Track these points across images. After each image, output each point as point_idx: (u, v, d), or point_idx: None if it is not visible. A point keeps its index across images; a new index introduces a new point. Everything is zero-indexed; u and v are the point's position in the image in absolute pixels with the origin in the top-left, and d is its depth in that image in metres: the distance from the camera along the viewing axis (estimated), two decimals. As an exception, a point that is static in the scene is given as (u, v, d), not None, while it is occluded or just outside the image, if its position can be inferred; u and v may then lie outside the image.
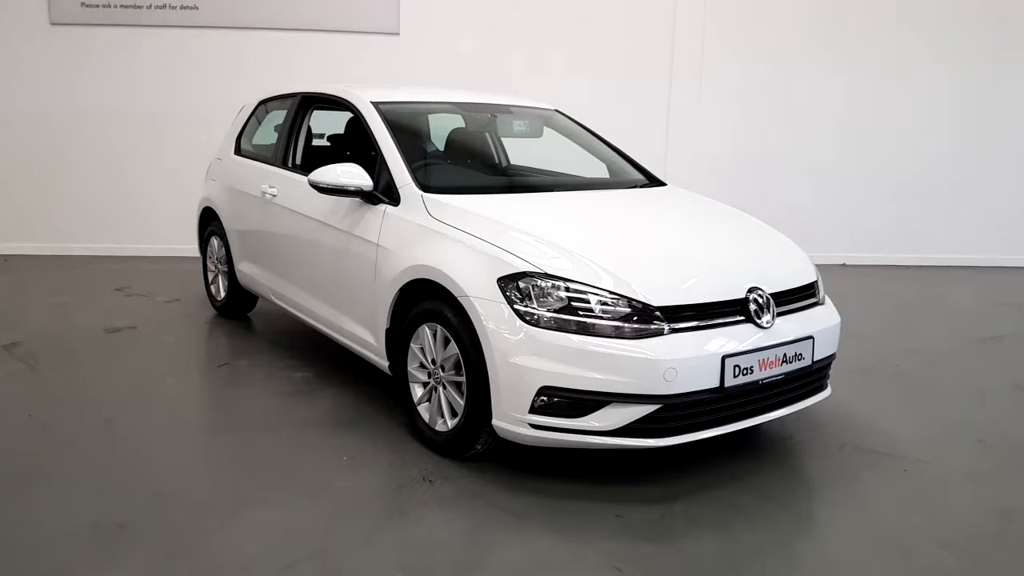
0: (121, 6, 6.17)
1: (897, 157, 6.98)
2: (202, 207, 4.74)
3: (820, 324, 2.88)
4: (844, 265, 6.94)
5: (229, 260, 4.45)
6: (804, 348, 2.75)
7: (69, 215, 6.48)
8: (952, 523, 2.53)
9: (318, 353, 4.02)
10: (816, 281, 3.07)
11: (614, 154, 3.96)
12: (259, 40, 6.34)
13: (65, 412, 3.25)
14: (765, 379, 2.64)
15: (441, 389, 2.85)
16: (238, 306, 4.63)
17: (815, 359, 2.80)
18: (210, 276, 4.81)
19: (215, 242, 4.66)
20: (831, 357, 2.98)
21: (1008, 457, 3.04)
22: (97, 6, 6.15)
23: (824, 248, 6.40)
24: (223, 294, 4.65)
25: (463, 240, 2.77)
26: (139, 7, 6.18)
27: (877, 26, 6.77)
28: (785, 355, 2.68)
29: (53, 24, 6.16)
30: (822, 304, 3.05)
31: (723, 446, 2.96)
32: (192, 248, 5.08)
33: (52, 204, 6.46)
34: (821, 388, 3.00)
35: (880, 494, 2.71)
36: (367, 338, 3.21)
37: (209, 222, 4.70)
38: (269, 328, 4.55)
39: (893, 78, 6.86)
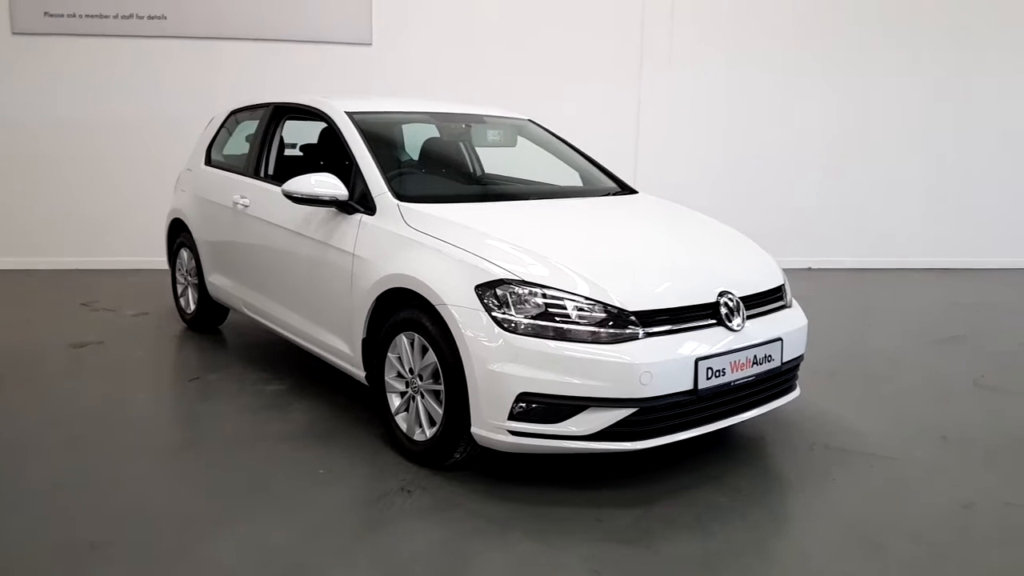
0: (87, 16, 6.06)
1: (861, 162, 7.17)
2: (171, 218, 4.68)
3: (788, 326, 2.95)
4: (809, 269, 7.10)
5: (199, 272, 4.39)
6: (773, 350, 2.82)
7: (31, 228, 6.33)
8: (919, 517, 2.61)
9: (291, 365, 3.99)
10: (783, 284, 3.15)
11: (587, 163, 4.01)
12: (229, 50, 6.29)
13: (31, 430, 3.18)
14: (737, 381, 2.70)
15: (419, 398, 2.85)
16: (209, 319, 4.57)
17: (784, 360, 2.87)
18: (179, 288, 4.74)
19: (184, 254, 4.59)
20: (799, 358, 3.05)
21: (968, 452, 3.15)
22: (61, 16, 6.03)
23: (790, 252, 6.53)
24: (193, 307, 4.59)
25: (440, 248, 2.79)
26: (105, 16, 6.07)
27: (845, 30, 6.93)
28: (755, 357, 2.75)
29: (15, 34, 6.04)
30: (789, 307, 3.13)
31: (698, 448, 3.01)
32: (160, 260, 5.00)
33: (13, 217, 6.30)
34: (790, 389, 3.08)
35: (850, 490, 2.79)
36: (343, 349, 3.20)
37: (178, 233, 4.64)
38: (241, 341, 4.50)
39: (862, 81, 7.01)
